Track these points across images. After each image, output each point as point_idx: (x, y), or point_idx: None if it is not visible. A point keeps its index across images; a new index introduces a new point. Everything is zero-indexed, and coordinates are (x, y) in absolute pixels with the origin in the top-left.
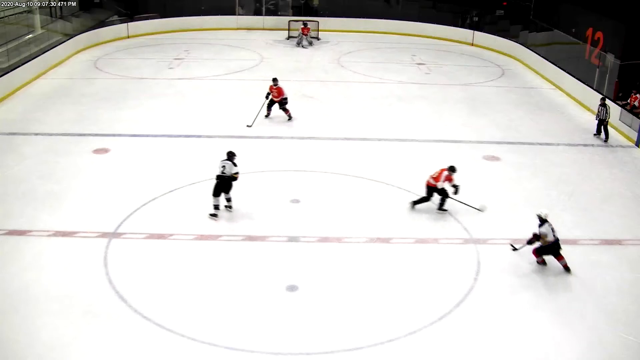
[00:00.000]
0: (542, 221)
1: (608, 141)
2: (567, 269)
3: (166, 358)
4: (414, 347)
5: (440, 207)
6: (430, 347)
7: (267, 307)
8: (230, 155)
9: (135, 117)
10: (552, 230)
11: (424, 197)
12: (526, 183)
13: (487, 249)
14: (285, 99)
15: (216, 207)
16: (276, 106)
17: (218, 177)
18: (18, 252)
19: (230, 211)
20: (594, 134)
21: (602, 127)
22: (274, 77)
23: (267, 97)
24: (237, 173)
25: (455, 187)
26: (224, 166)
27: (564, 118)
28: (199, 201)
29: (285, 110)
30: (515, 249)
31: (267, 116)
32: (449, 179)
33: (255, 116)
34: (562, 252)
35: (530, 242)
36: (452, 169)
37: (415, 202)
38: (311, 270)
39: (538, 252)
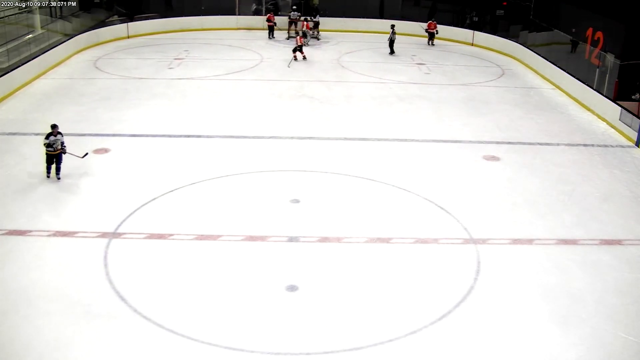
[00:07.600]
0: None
1: (393, 54)
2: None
3: (166, 358)
4: (414, 347)
5: None
6: (431, 347)
7: (267, 307)
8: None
9: (135, 117)
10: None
11: None
12: (526, 183)
13: (487, 249)
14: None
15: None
16: None
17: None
18: (18, 252)
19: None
20: (389, 53)
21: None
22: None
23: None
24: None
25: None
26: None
27: (564, 118)
28: (199, 201)
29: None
30: None
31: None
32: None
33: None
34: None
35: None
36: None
37: None
38: (311, 270)
39: None
